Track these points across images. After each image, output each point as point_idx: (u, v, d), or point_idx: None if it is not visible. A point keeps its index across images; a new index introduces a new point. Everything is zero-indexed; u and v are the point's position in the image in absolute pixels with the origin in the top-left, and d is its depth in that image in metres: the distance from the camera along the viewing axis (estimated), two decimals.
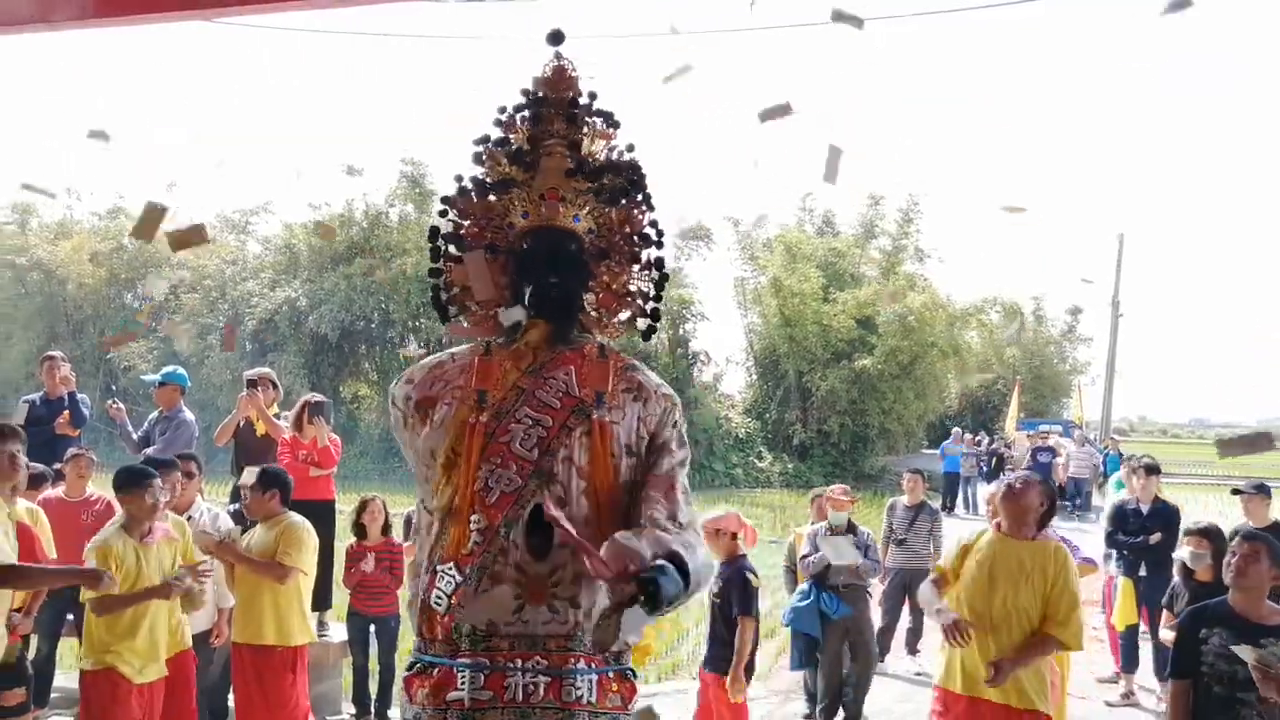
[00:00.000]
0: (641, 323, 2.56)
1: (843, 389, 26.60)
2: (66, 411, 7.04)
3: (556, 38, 2.51)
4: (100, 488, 6.46)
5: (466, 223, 2.53)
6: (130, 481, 4.46)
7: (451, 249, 2.52)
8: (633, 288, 2.54)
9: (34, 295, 28.61)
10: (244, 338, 25.48)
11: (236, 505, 6.41)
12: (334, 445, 6.83)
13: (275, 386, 7.24)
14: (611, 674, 2.24)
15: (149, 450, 7.07)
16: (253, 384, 7.04)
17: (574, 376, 2.33)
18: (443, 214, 2.56)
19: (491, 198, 2.50)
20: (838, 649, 6.42)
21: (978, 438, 24.54)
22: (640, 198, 2.52)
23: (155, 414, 7.31)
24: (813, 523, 6.99)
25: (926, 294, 27.51)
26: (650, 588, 1.90)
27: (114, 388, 24.53)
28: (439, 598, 2.22)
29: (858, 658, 6.46)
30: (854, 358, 26.59)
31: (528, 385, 2.31)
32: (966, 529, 4.59)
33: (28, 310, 28.61)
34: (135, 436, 7.33)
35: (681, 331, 28.31)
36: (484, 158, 2.52)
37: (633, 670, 2.31)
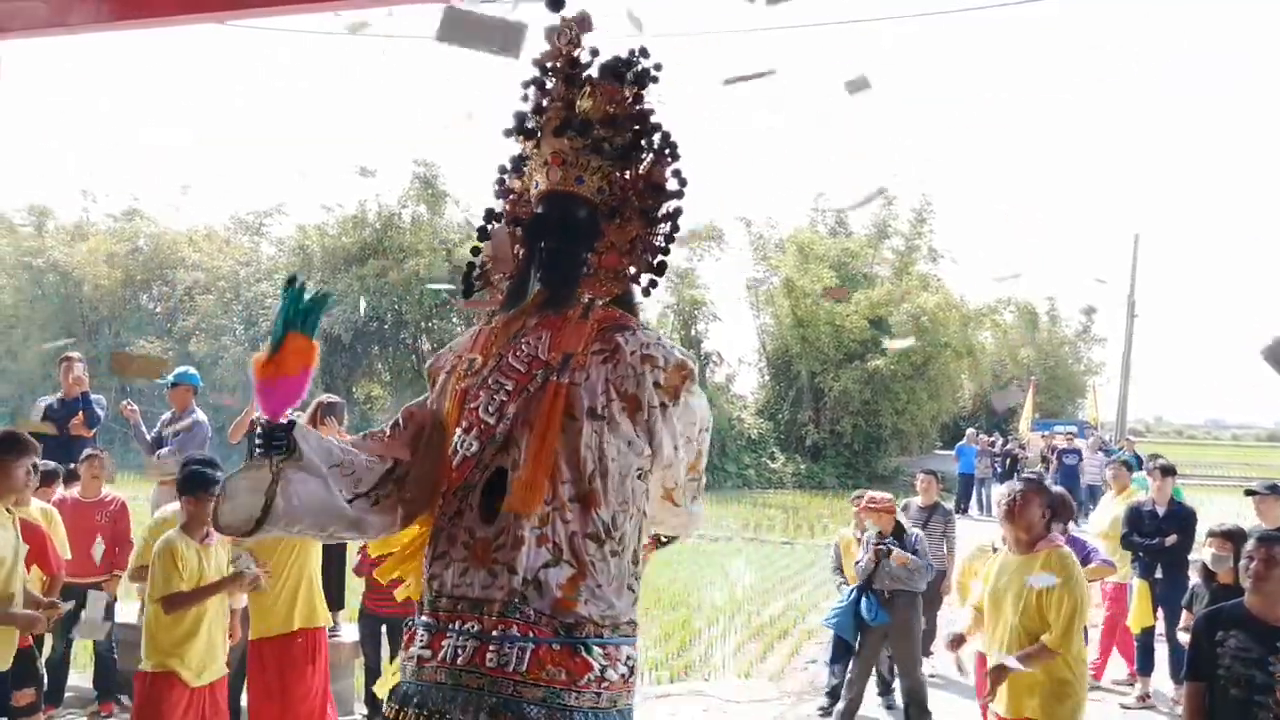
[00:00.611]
0: (644, 278, 2.51)
1: (856, 389, 26.55)
2: (81, 413, 7.09)
3: (557, 3, 2.46)
4: (114, 488, 6.50)
5: (507, 200, 2.58)
6: (198, 485, 4.49)
7: (493, 227, 2.57)
8: (638, 243, 2.47)
9: (50, 297, 28.77)
10: (258, 339, 25.57)
11: None
12: None
13: None
14: (558, 645, 2.12)
15: (163, 451, 7.11)
16: None
17: (546, 340, 2.30)
18: (497, 195, 2.59)
19: (516, 176, 2.53)
20: (871, 654, 6.35)
21: (993, 438, 24.45)
22: (658, 149, 2.47)
23: (168, 415, 7.34)
24: (862, 528, 6.92)
25: (940, 294, 27.45)
26: None
27: (128, 389, 24.62)
28: (425, 560, 2.29)
29: (899, 665, 6.37)
30: (867, 358, 26.54)
31: (505, 351, 2.32)
32: (980, 531, 4.61)
33: (44, 312, 28.77)
34: (149, 437, 7.36)
35: (694, 332, 28.31)
36: (513, 135, 2.53)
37: (587, 646, 2.14)
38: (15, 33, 5.26)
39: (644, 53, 2.46)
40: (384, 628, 6.14)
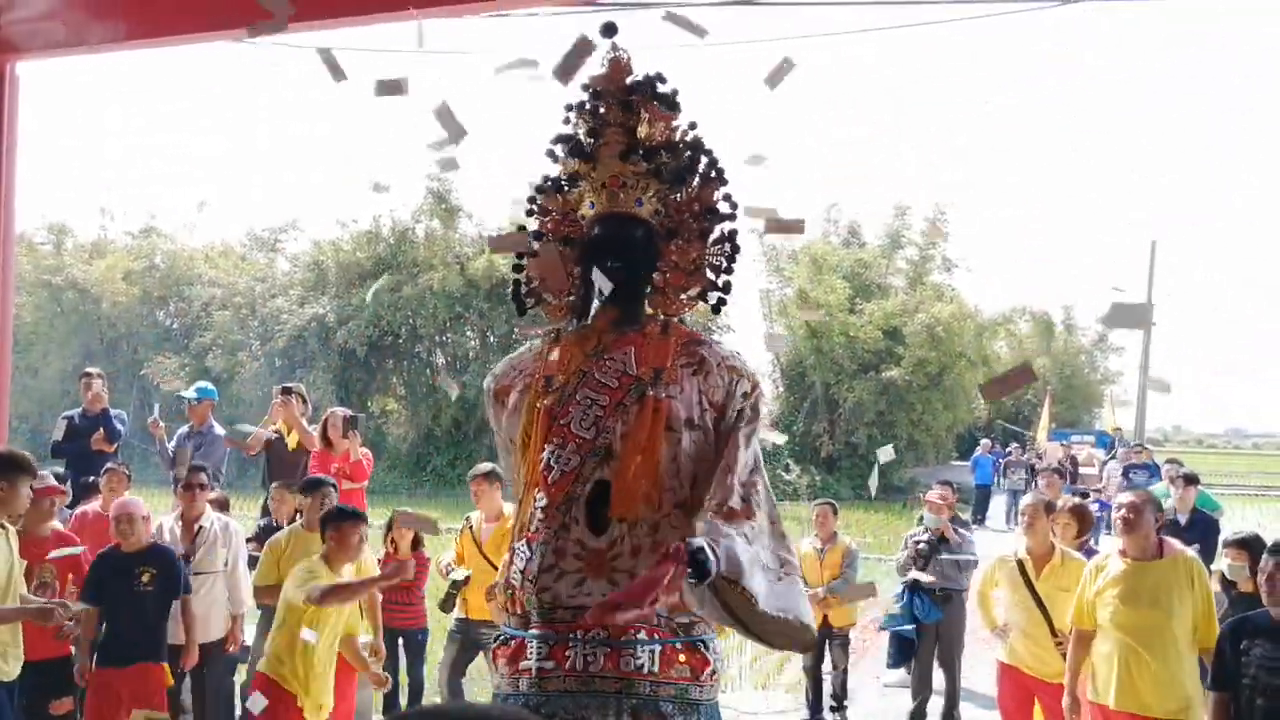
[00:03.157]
0: (711, 296, 2.60)
1: (870, 400, 26.46)
2: (102, 429, 7.15)
3: (610, 29, 2.56)
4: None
5: (547, 219, 2.65)
6: (344, 520, 4.57)
7: (534, 245, 2.63)
8: (702, 263, 2.57)
9: (69, 314, 28.99)
10: (274, 354, 25.70)
11: (267, 519, 6.45)
12: (366, 460, 6.86)
13: (305, 401, 7.30)
14: (679, 644, 2.28)
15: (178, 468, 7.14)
16: (287, 390, 7.10)
17: (632, 356, 2.39)
18: (529, 213, 2.67)
19: (555, 194, 2.62)
20: (928, 652, 6.44)
21: (1010, 448, 24.26)
22: (710, 174, 2.57)
23: (184, 429, 7.38)
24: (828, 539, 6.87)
25: (954, 304, 27.37)
26: (699, 555, 2.06)
27: (147, 405, 24.77)
28: (515, 574, 2.35)
29: (943, 663, 6.42)
30: (881, 369, 26.46)
31: (588, 368, 2.40)
32: (998, 542, 4.56)
33: (63, 329, 29.00)
34: (170, 451, 7.40)
35: None
36: (556, 157, 2.61)
37: (704, 642, 2.32)
38: (34, 53, 5.32)
39: (661, 78, 2.56)
40: (400, 640, 6.13)
